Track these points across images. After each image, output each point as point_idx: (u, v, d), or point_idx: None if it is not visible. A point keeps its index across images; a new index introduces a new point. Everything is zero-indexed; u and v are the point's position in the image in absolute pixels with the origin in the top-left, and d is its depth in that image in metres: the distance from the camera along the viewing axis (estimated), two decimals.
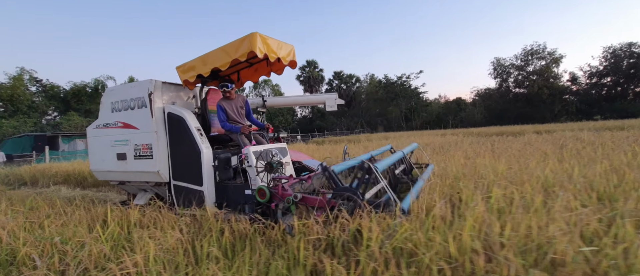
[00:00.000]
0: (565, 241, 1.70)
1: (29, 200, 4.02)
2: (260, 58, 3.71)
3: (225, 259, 2.22)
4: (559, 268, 1.59)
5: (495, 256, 1.71)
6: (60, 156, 19.09)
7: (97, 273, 1.95)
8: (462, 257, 1.74)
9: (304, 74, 59.17)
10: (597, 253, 1.68)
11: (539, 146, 6.50)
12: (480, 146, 7.67)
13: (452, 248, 1.75)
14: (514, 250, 1.71)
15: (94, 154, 4.42)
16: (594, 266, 1.57)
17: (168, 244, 2.32)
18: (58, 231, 2.65)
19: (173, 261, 2.18)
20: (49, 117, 41.46)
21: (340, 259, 2.05)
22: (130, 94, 3.92)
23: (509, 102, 43.36)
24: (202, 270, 1.96)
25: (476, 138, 13.53)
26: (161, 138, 3.76)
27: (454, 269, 1.72)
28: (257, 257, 2.17)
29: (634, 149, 5.09)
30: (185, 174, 3.69)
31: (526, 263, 1.65)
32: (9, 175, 10.38)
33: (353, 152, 8.34)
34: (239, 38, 3.34)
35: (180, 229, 2.66)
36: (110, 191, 7.34)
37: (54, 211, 3.39)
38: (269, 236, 2.53)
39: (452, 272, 1.70)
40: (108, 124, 4.15)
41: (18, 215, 3.13)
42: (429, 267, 1.72)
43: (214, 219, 2.82)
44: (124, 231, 2.70)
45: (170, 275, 1.97)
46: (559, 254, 1.62)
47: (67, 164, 11.26)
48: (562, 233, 1.79)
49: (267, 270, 2.02)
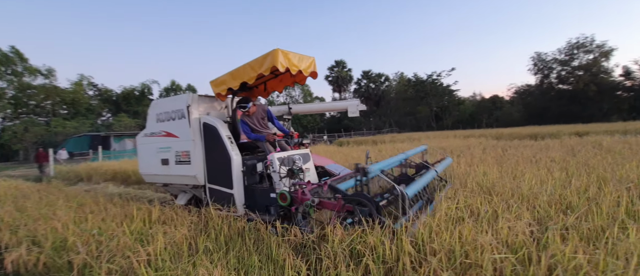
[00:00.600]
0: (489, 250, 1.97)
1: (79, 197, 4.89)
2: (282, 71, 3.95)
3: (219, 252, 2.72)
4: (473, 269, 1.88)
5: (426, 259, 2.03)
6: (111, 154, 21.17)
7: (121, 259, 2.53)
8: (396, 259, 2.08)
9: (333, 74, 59.51)
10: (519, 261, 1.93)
11: (550, 153, 6.33)
12: (494, 150, 7.57)
13: (387, 251, 2.09)
14: (442, 256, 2.01)
15: (142, 160, 4.93)
16: (501, 270, 1.84)
17: (176, 238, 2.89)
18: (97, 224, 3.34)
19: (178, 252, 2.73)
20: (103, 118, 45.81)
21: (310, 256, 2.47)
22: (171, 106, 4.38)
23: (551, 100, 40.29)
24: (196, 261, 2.48)
25: (502, 141, 13.06)
26: (198, 145, 4.13)
27: (388, 269, 2.06)
28: (244, 251, 2.65)
29: None
30: (218, 178, 4.01)
31: (448, 266, 1.95)
32: (69, 172, 11.97)
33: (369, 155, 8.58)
34: (263, 54, 3.66)
35: (188, 226, 3.23)
36: (148, 189, 8.34)
37: (98, 207, 4.16)
38: (258, 234, 3.00)
39: (386, 272, 2.05)
40: (154, 132, 4.63)
41: (70, 210, 3.92)
42: (368, 267, 2.08)
43: (218, 219, 3.37)
44: (146, 226, 3.33)
45: (171, 263, 2.51)
46: (472, 259, 1.90)
47: (115, 163, 12.74)
48: (490, 242, 2.05)
49: (247, 263, 2.48)
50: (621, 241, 1.99)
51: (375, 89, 60.23)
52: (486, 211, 2.64)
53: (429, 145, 10.32)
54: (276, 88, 4.87)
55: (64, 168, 13.50)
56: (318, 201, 2.82)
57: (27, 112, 38.92)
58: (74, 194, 5.52)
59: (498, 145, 9.52)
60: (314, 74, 4.20)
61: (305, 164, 4.01)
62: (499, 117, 43.41)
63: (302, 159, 4.00)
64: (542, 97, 41.83)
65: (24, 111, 38.66)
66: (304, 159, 4.08)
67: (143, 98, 47.32)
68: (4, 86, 37.63)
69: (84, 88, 44.68)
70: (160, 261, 2.46)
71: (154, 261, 2.49)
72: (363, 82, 60.63)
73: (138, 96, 47.09)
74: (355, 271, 2.06)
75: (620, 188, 3.08)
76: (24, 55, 39.22)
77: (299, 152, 4.12)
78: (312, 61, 4.12)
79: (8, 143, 32.71)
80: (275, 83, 4.80)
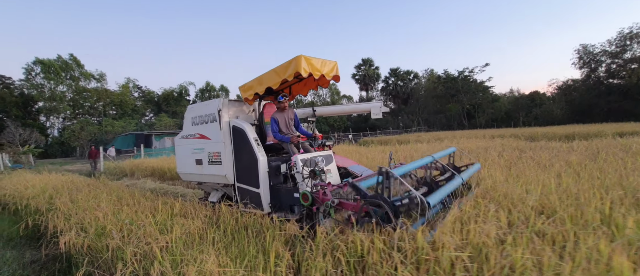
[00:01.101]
0: (450, 248, 2.17)
1: (119, 191, 5.65)
2: (305, 76, 4.04)
3: (224, 242, 3.13)
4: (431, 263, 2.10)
5: (391, 255, 2.27)
6: (152, 152, 22.94)
7: (144, 245, 3.03)
8: (367, 255, 2.34)
9: (360, 72, 59.14)
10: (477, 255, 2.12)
11: (570, 156, 6.06)
12: (513, 153, 7.36)
13: (358, 248, 2.37)
14: (408, 252, 2.24)
15: (180, 159, 5.24)
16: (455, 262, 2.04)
17: (190, 229, 3.36)
18: (131, 215, 3.93)
19: (191, 241, 3.19)
20: (147, 117, 49.50)
21: (296, 248, 2.81)
22: (205, 110, 4.63)
23: (599, 95, 36.82)
24: (203, 249, 2.91)
25: (533, 142, 12.44)
26: (227, 147, 4.35)
27: (357, 262, 2.34)
28: (246, 243, 3.05)
29: None
30: (246, 178, 4.20)
31: (410, 262, 2.18)
32: (116, 168, 13.35)
33: (374, 157, 8.71)
34: (287, 61, 3.82)
35: (202, 219, 3.71)
36: (180, 185, 9.17)
37: (132, 201, 4.82)
38: (261, 227, 3.39)
39: (355, 262, 2.33)
40: (189, 135, 4.92)
41: (110, 203, 4.60)
42: (342, 260, 2.36)
43: (228, 214, 3.81)
44: (168, 218, 3.86)
45: (184, 250, 2.97)
46: (432, 256, 2.12)
47: (154, 160, 13.98)
48: (456, 242, 2.24)
49: (245, 252, 2.87)
50: (581, 246, 2.09)
51: (403, 87, 58.93)
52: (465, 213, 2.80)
53: (443, 145, 10.16)
54: (301, 92, 5.06)
55: (112, 164, 15.07)
56: (338, 201, 2.94)
57: (83, 113, 43.29)
58: (115, 188, 6.33)
59: (521, 147, 9.16)
60: (337, 78, 4.30)
61: (327, 166, 4.13)
62: (538, 115, 40.54)
63: (325, 160, 4.12)
64: (588, 93, 38.39)
65: (80, 111, 43.07)
66: (327, 160, 4.19)
67: (181, 99, 50.46)
68: (64, 89, 42.24)
69: (130, 90, 48.69)
70: (175, 248, 2.92)
71: (170, 248, 2.97)
72: (390, 80, 59.57)
73: (176, 97, 50.31)
74: (329, 261, 2.36)
75: (613, 195, 3.05)
76: (80, 61, 43.72)
77: (321, 153, 4.21)
78: (335, 65, 4.22)
79: (67, 141, 36.68)
80: (300, 87, 4.99)
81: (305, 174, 3.53)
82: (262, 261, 2.65)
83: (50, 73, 41.00)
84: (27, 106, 41.51)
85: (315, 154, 4.04)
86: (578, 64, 40.54)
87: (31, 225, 4.49)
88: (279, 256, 2.57)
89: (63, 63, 42.08)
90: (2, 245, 4.46)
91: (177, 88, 51.01)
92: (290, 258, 2.63)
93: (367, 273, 2.21)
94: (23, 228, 4.55)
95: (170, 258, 2.76)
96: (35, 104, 41.67)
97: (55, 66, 40.90)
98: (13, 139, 32.33)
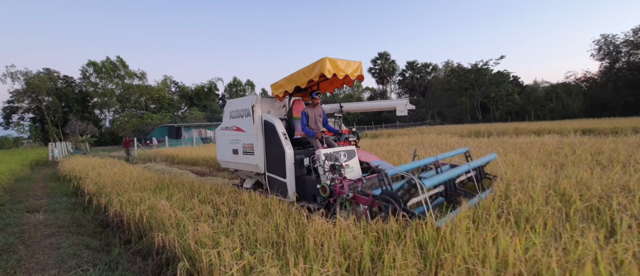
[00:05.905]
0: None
1: (129, 169, 7.69)
2: (329, 77, 4.02)
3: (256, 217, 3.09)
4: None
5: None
6: (176, 142, 24.76)
7: (173, 217, 3.27)
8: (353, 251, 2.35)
9: (376, 66, 58.66)
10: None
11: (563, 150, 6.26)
12: (513, 149, 7.55)
13: (343, 238, 2.42)
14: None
15: (219, 148, 5.49)
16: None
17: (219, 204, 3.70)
18: (148, 195, 4.47)
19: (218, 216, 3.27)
20: (182, 110, 52.51)
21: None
22: (241, 105, 4.83)
23: (619, 89, 34.44)
24: (235, 221, 3.05)
25: (541, 137, 12.16)
26: (259, 139, 4.52)
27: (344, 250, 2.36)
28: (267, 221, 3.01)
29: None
30: (275, 168, 4.35)
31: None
32: (144, 155, 16.31)
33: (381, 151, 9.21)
34: (313, 62, 3.92)
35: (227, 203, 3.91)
36: (186, 169, 11.57)
37: (135, 173, 7.06)
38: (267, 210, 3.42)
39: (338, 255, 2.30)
40: (227, 127, 5.14)
41: (135, 181, 5.75)
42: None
43: (251, 199, 3.80)
44: (192, 199, 4.04)
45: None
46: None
47: (171, 149, 16.56)
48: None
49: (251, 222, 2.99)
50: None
51: (420, 80, 58.05)
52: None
53: (443, 142, 10.23)
54: (327, 89, 5.20)
55: (142, 152, 18.16)
56: (353, 195, 3.00)
57: (129, 107, 46.91)
58: (129, 168, 8.87)
59: (514, 143, 9.24)
60: (361, 77, 4.33)
61: (350, 160, 4.14)
62: (553, 109, 38.76)
63: (348, 155, 4.13)
64: (607, 85, 35.99)
65: (126, 106, 46.69)
66: (349, 155, 4.18)
67: (210, 94, 53.02)
68: (113, 87, 47.27)
69: (168, 86, 51.89)
70: (203, 221, 3.16)
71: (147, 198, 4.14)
72: (407, 74, 58.78)
73: (206, 92, 52.79)
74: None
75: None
76: (125, 62, 48.10)
77: (344, 149, 4.21)
78: (359, 65, 4.24)
79: (116, 131, 40.43)
80: (326, 85, 5.11)
81: (326, 168, 3.61)
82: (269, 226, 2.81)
83: (102, 73, 45.03)
84: (85, 101, 46.16)
85: (338, 149, 4.09)
86: (597, 56, 37.97)
87: (75, 186, 7.18)
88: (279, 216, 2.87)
89: (111, 64, 45.79)
90: (61, 195, 7.03)
91: (207, 84, 53.46)
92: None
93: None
94: (72, 187, 7.37)
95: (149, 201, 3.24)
96: (91, 99, 46.36)
97: (106, 67, 44.81)
98: (74, 129, 37.78)
